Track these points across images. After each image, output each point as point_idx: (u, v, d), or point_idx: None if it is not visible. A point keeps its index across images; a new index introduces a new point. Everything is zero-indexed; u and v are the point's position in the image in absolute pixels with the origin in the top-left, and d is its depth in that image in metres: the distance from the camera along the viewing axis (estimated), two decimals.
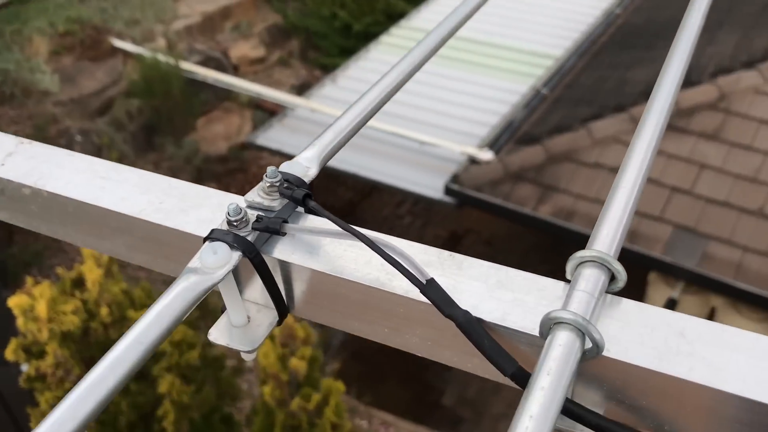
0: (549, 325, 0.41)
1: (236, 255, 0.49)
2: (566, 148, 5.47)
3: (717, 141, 5.43)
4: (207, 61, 8.14)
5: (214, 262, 0.47)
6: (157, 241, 0.54)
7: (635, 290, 5.73)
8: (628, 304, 0.45)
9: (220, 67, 8.17)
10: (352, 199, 8.01)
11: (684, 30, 0.64)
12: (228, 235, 0.50)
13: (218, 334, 0.52)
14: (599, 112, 5.72)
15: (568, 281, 0.46)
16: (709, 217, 5.04)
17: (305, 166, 0.55)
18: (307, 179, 0.54)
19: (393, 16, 8.06)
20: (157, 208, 0.54)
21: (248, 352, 0.51)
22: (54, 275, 5.03)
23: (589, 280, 0.44)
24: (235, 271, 0.51)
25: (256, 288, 0.52)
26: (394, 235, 0.48)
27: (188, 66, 7.73)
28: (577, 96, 6.29)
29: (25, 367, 3.70)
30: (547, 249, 6.07)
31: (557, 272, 0.51)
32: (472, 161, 5.51)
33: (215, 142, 7.93)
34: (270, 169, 0.52)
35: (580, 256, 0.45)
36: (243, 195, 0.53)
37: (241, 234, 0.50)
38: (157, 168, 7.33)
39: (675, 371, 0.41)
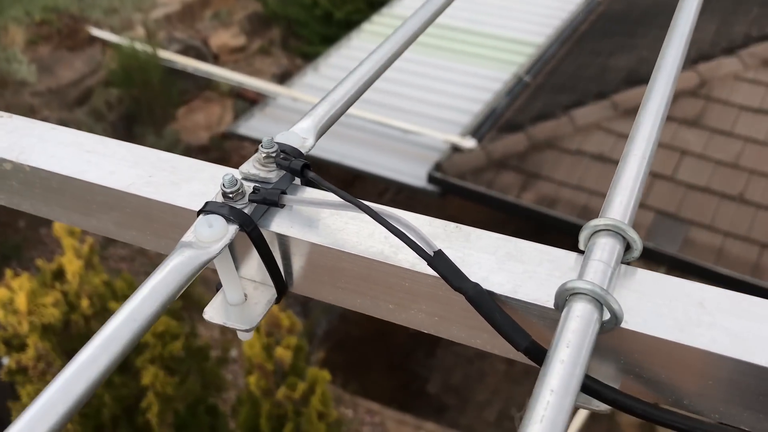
0: (565, 297, 0.39)
1: (233, 228, 0.46)
2: (549, 135, 5.47)
3: (698, 127, 5.47)
4: (187, 50, 8.05)
5: (210, 236, 0.45)
6: (148, 216, 0.51)
7: None
8: (644, 274, 0.43)
9: (200, 56, 8.09)
10: (345, 178, 7.98)
11: None
12: (224, 208, 0.47)
13: (213, 312, 0.49)
14: (581, 99, 5.74)
15: (581, 252, 0.44)
16: (690, 203, 5.08)
17: (302, 137, 0.53)
18: (304, 150, 0.52)
19: (374, 4, 8.01)
20: (147, 182, 0.51)
21: (245, 330, 0.48)
22: (34, 268, 4.97)
23: (604, 249, 0.42)
24: (232, 246, 0.48)
25: (254, 264, 0.50)
26: None
27: (168, 55, 7.65)
28: (559, 83, 6.30)
29: (5, 360, 3.66)
30: (530, 236, 6.08)
31: None
32: (455, 149, 5.50)
33: (196, 132, 7.86)
34: (266, 139, 0.49)
35: (594, 224, 0.43)
36: None
37: (238, 206, 0.48)
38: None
39: (697, 342, 0.39)
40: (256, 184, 0.50)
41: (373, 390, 5.75)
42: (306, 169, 0.49)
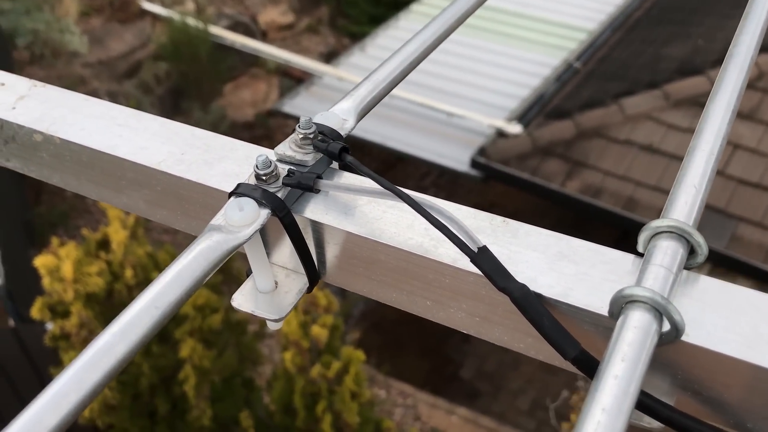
0: (621, 304, 0.36)
1: (264, 213, 0.44)
2: (597, 123, 5.38)
3: (753, 121, 5.34)
4: (235, 26, 8.08)
5: (240, 220, 0.42)
6: (178, 195, 0.49)
7: None
8: (709, 282, 0.39)
9: (248, 32, 8.11)
10: (376, 170, 7.95)
11: None
12: (256, 191, 0.44)
13: (242, 299, 0.47)
14: (632, 88, 5.63)
15: (640, 254, 0.40)
16: (740, 199, 4.96)
17: (342, 118, 0.50)
18: (343, 132, 0.49)
19: None
20: (178, 160, 0.49)
21: (275, 320, 0.46)
22: (79, 236, 5.06)
23: (666, 253, 0.38)
24: (263, 231, 0.46)
25: (286, 251, 0.47)
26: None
27: (216, 30, 7.69)
28: (609, 71, 6.17)
29: (50, 326, 3.74)
30: (573, 226, 6.00)
31: None
32: (500, 134, 5.44)
33: (242, 109, 7.90)
34: (303, 119, 0.47)
35: (656, 226, 0.39)
36: None
37: (271, 190, 0.45)
38: None
39: (766, 362, 0.35)
40: (291, 167, 0.47)
41: (407, 372, 5.76)
42: (344, 152, 0.47)
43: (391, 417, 5.44)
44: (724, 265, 4.88)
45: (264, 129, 7.68)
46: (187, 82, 7.66)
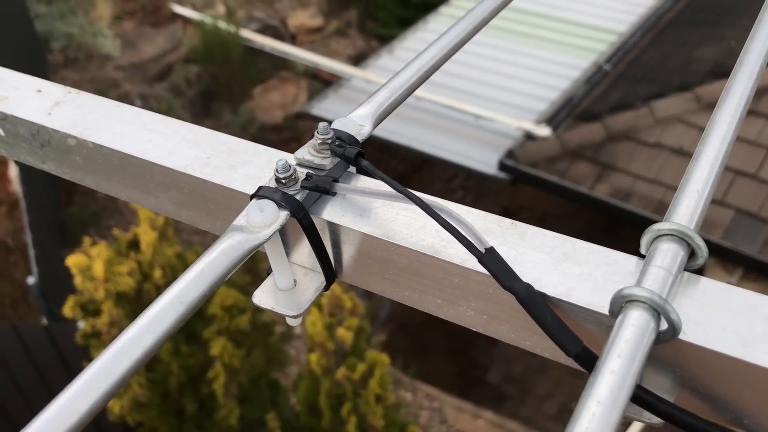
0: (621, 303, 0.38)
1: (284, 214, 0.46)
2: (627, 126, 5.34)
3: None
4: (265, 29, 8.15)
5: (261, 221, 0.45)
6: (204, 197, 0.52)
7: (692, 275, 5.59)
8: (708, 283, 0.41)
9: (277, 35, 8.18)
10: (403, 172, 7.98)
11: None
12: (276, 193, 0.47)
13: (263, 296, 0.49)
14: (662, 90, 5.57)
15: (642, 256, 0.42)
16: None
17: (359, 123, 0.52)
18: (360, 138, 0.51)
19: None
20: (204, 163, 0.51)
21: (294, 317, 0.48)
22: (110, 236, 5.15)
23: (666, 255, 0.40)
24: (282, 232, 0.48)
25: (304, 250, 0.49)
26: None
27: (247, 33, 7.77)
28: (640, 73, 6.12)
29: (81, 324, 3.80)
30: (602, 229, 5.96)
31: None
32: (529, 137, 5.42)
33: (271, 111, 7.97)
34: (322, 125, 0.49)
35: (658, 228, 0.41)
36: None
37: (290, 192, 0.47)
38: None
39: (761, 360, 0.36)
40: (310, 171, 0.49)
41: (433, 375, 5.76)
42: (360, 157, 0.49)
43: (417, 420, 5.45)
44: (756, 270, 4.82)
45: (292, 131, 7.74)
46: (218, 85, 7.75)
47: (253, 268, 4.23)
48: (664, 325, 0.37)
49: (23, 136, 0.57)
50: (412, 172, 7.94)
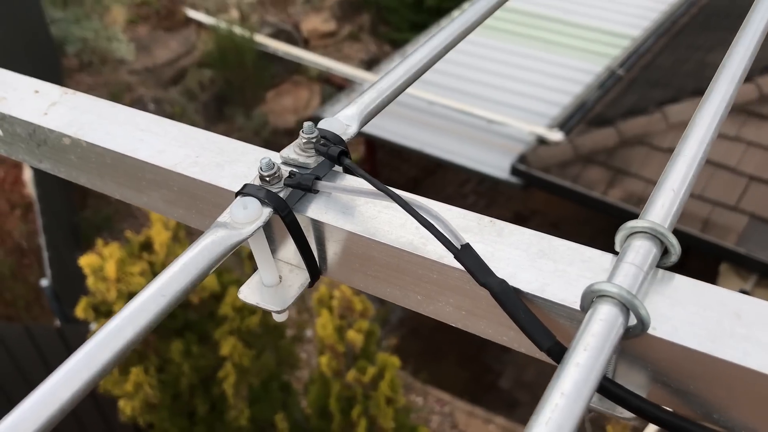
0: (591, 298, 0.38)
1: (267, 211, 0.47)
2: (640, 131, 5.31)
3: None
4: (278, 34, 8.20)
5: (244, 218, 0.46)
6: (193, 195, 0.53)
7: (704, 278, 5.55)
8: (680, 280, 0.41)
9: (291, 40, 8.22)
10: (416, 176, 7.99)
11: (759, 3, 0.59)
12: (260, 191, 0.48)
13: (249, 292, 0.51)
14: (676, 95, 5.54)
15: (617, 253, 0.42)
16: None
17: (345, 123, 0.53)
18: (345, 137, 0.52)
19: None
20: (193, 162, 0.53)
21: (278, 312, 0.49)
22: (123, 239, 5.19)
23: (638, 252, 0.41)
24: (267, 229, 0.49)
25: (289, 248, 0.50)
26: None
27: (260, 38, 7.81)
28: (653, 78, 6.10)
29: (93, 326, 3.82)
30: (606, 233, 5.94)
31: None
32: (541, 141, 5.41)
33: (283, 115, 8.01)
34: (307, 124, 0.50)
35: (631, 226, 0.42)
36: None
37: (273, 190, 0.49)
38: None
39: (728, 355, 0.37)
40: (294, 169, 0.50)
41: (445, 380, 5.75)
42: (343, 155, 0.50)
43: (428, 424, 5.44)
44: None
45: None
46: (231, 89, 7.79)
47: None
48: (633, 321, 0.38)
49: (21, 136, 0.58)
50: (424, 176, 7.94)
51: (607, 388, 0.38)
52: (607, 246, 0.44)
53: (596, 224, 6.07)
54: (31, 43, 6.28)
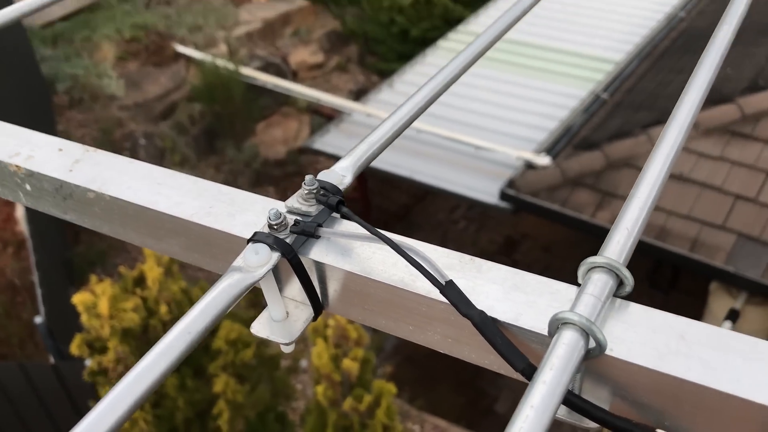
0: (556, 325, 0.45)
1: (275, 255, 0.54)
2: (626, 154, 5.39)
3: None
4: (267, 67, 8.30)
5: (256, 262, 0.53)
6: (207, 242, 0.59)
7: (697, 300, 5.61)
8: (634, 307, 0.48)
9: (279, 72, 8.33)
10: (406, 203, 8.06)
11: (715, 39, 0.66)
12: (269, 238, 0.55)
13: (260, 327, 0.57)
14: (660, 117, 5.63)
15: (580, 285, 0.49)
16: None
17: (341, 174, 0.60)
18: (342, 187, 0.59)
19: (451, 21, 8.09)
20: (207, 212, 0.60)
21: (286, 344, 0.56)
22: (117, 274, 5.21)
23: (597, 284, 0.48)
24: (275, 270, 0.56)
25: (294, 286, 0.57)
26: (448, 240, 0.53)
27: (249, 71, 7.90)
28: (637, 101, 6.20)
29: (88, 362, 3.84)
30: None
31: None
32: (529, 166, 5.48)
33: (274, 147, 8.09)
34: (308, 177, 0.57)
35: (591, 261, 0.49)
36: None
37: (281, 236, 0.55)
38: (217, 171, 7.54)
39: (673, 370, 0.44)
40: (298, 217, 0.57)
41: (441, 406, 5.77)
42: (341, 204, 0.57)
43: None
44: (760, 293, 4.84)
45: (296, 165, 7.85)
46: (221, 122, 7.87)
47: (257, 302, 4.29)
48: (593, 344, 0.45)
49: (47, 191, 0.65)
50: (415, 203, 8.01)
51: (572, 401, 0.44)
52: None
53: (586, 247, 6.13)
54: (22, 82, 6.35)
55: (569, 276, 0.49)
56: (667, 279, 6.36)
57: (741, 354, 0.43)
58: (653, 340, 0.45)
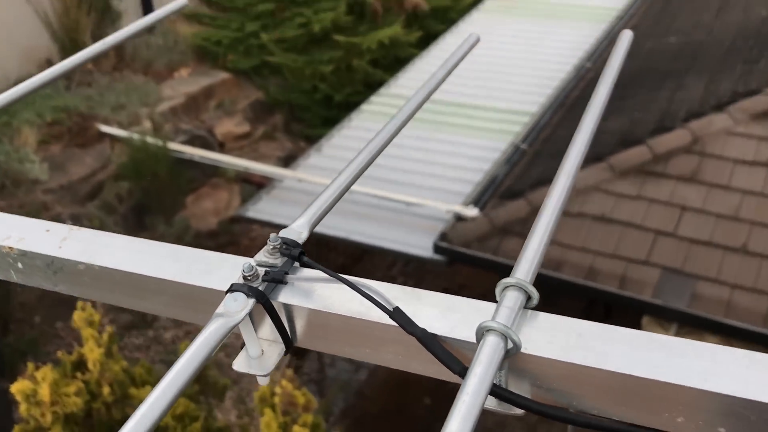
0: (482, 333, 0.58)
1: (251, 301, 0.66)
2: None
3: (695, 183, 5.55)
4: (193, 140, 8.36)
5: (235, 308, 0.64)
6: (189, 297, 0.70)
7: None
8: (542, 315, 0.61)
9: (206, 144, 8.40)
10: (344, 264, 8.15)
11: (592, 105, 0.82)
12: (244, 287, 0.66)
13: (240, 364, 0.68)
14: None
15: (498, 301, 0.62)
16: (695, 258, 5.12)
17: (298, 231, 0.72)
18: (300, 240, 0.71)
19: (372, 85, 8.35)
20: (187, 272, 0.71)
21: (263, 376, 0.67)
22: (51, 361, 5.09)
23: (510, 299, 0.61)
24: (251, 314, 0.67)
25: (267, 327, 0.68)
26: None
27: (175, 146, 7.94)
28: (554, 149, 6.48)
29: None
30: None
31: None
32: (459, 218, 5.65)
33: (205, 218, 8.09)
34: (272, 235, 0.69)
35: (505, 282, 0.62)
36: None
37: (254, 285, 0.67)
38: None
39: (574, 359, 0.57)
40: (267, 268, 0.69)
41: None
42: (302, 255, 0.69)
43: None
44: (689, 323, 5.05)
45: (229, 235, 7.86)
46: (150, 198, 7.84)
47: (201, 377, 4.27)
48: (511, 345, 0.57)
49: (39, 267, 0.74)
50: (352, 263, 8.10)
51: (499, 393, 0.57)
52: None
53: None
54: None
55: None
56: (600, 317, 6.58)
57: (627, 343, 0.57)
58: (558, 338, 0.58)
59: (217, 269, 0.70)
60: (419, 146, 6.62)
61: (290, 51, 8.81)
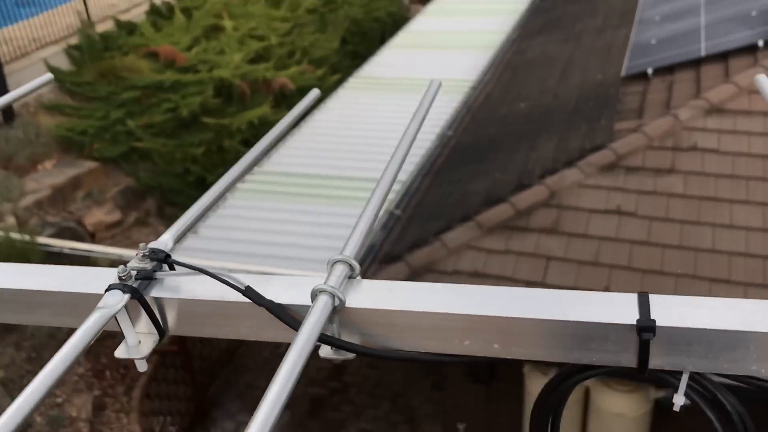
0: (315, 294, 0.74)
1: (126, 296, 0.79)
2: (426, 260, 5.78)
3: (557, 234, 5.90)
4: (62, 232, 8.14)
5: (113, 301, 0.76)
6: (74, 305, 0.82)
7: (515, 385, 6.04)
8: (365, 281, 0.78)
9: (75, 236, 8.19)
10: (229, 347, 8.05)
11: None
12: (119, 285, 0.80)
13: (120, 352, 0.80)
14: (449, 223, 6.13)
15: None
16: None
17: (165, 242, 0.86)
18: (167, 250, 0.85)
19: None
20: (73, 284, 0.83)
21: (140, 359, 0.79)
22: None
23: (337, 269, 0.78)
24: (128, 309, 0.79)
25: (143, 320, 0.81)
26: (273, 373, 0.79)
27: (43, 239, 7.70)
28: (427, 212, 6.76)
29: None
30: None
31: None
32: None
33: None
34: (142, 245, 0.82)
35: (333, 258, 0.78)
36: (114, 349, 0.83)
37: (128, 283, 0.79)
38: (18, 349, 7.15)
39: (385, 306, 0.74)
40: (139, 270, 0.82)
41: None
42: (167, 257, 0.83)
43: None
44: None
45: (104, 332, 7.60)
46: None
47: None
48: (338, 302, 0.73)
49: None
50: (237, 345, 8.01)
51: (329, 340, 0.72)
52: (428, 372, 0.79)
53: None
54: None
55: (397, 389, 0.76)
56: (485, 372, 6.78)
57: (426, 291, 0.74)
58: (374, 294, 0.75)
59: (95, 280, 0.83)
60: (299, 219, 6.75)
61: (159, 136, 8.84)
